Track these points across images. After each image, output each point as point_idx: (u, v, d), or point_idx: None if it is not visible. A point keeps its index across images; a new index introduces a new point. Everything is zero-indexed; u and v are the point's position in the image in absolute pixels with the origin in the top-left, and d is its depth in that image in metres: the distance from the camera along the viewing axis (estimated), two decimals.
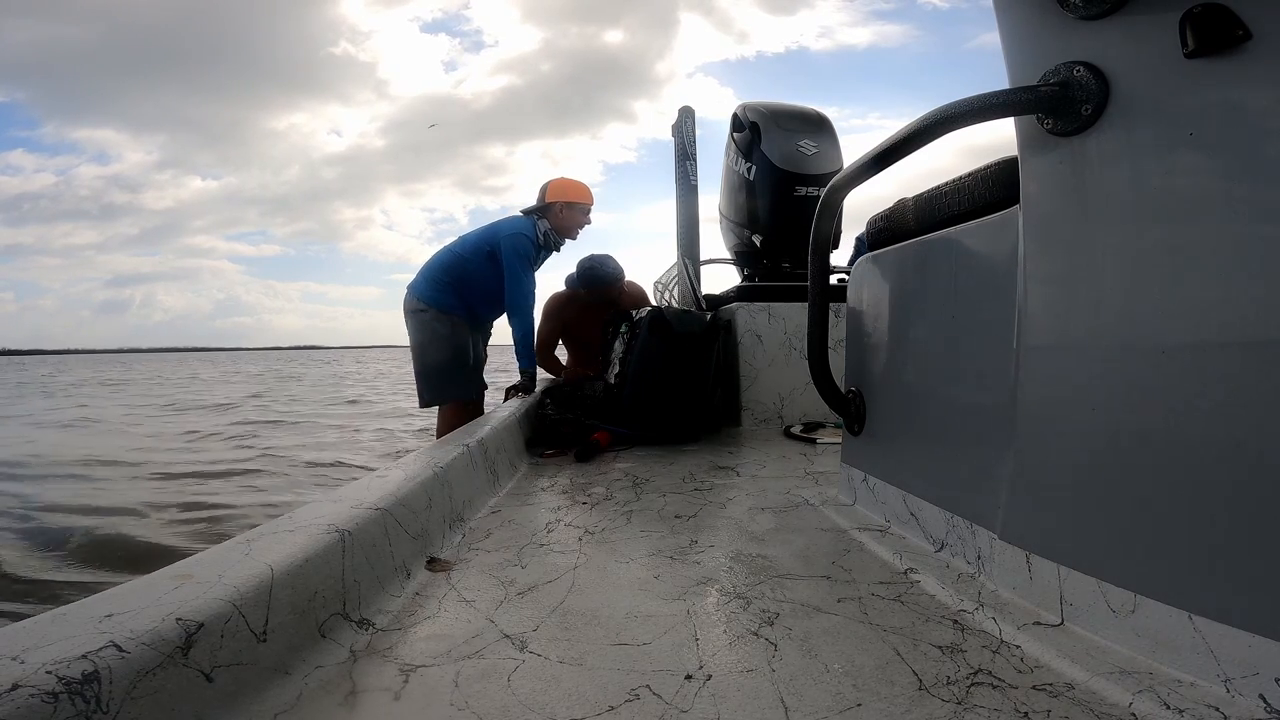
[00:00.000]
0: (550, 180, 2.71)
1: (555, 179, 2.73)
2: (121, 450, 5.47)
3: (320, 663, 0.65)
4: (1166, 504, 0.60)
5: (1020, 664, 0.63)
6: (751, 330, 2.47)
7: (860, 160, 0.95)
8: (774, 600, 0.81)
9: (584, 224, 2.75)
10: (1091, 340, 0.68)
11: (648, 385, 2.13)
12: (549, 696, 0.59)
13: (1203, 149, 0.57)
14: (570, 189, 2.70)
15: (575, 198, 2.68)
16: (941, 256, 0.97)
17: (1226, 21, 0.53)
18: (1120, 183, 0.65)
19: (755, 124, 2.62)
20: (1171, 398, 0.60)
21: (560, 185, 2.70)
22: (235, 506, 3.58)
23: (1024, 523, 0.76)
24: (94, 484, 4.17)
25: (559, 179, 2.74)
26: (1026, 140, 0.75)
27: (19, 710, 0.41)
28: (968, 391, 0.90)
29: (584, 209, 2.71)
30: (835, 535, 1.08)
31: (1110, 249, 0.66)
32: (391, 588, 0.83)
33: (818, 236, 1.10)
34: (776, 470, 1.65)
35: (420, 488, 1.04)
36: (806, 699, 0.58)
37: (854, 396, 1.20)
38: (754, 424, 2.40)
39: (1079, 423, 0.69)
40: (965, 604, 0.76)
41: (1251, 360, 0.54)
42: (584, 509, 1.29)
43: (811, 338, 1.15)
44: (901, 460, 1.08)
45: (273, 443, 6.06)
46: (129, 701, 0.47)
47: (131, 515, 3.34)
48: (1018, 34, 0.75)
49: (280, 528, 0.78)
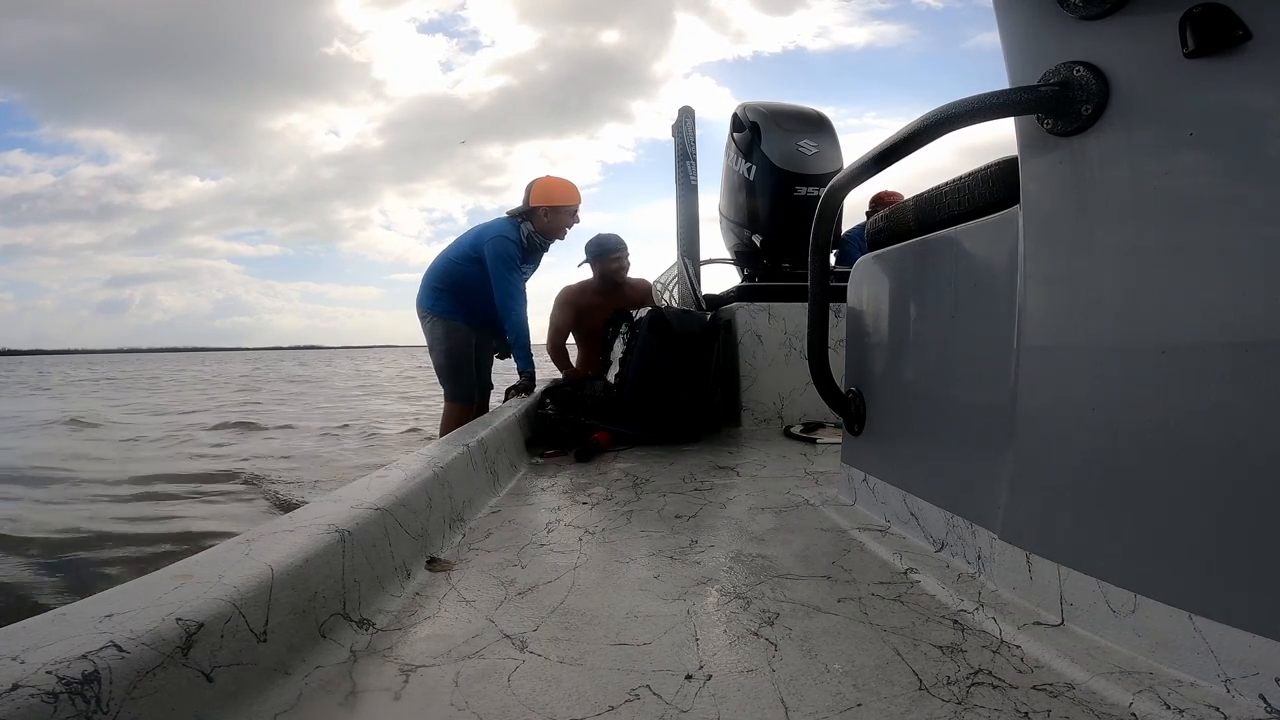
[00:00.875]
0: (535, 180, 2.67)
1: (540, 179, 2.67)
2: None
3: (320, 663, 0.65)
4: (1166, 504, 0.60)
5: (1020, 664, 0.63)
6: (751, 330, 2.47)
7: (860, 160, 0.95)
8: (774, 600, 0.81)
9: (570, 225, 2.71)
10: (1091, 340, 0.68)
11: (648, 385, 2.13)
12: (549, 696, 0.59)
13: (1203, 149, 0.57)
14: (554, 192, 2.65)
15: (559, 200, 2.64)
16: (941, 256, 0.97)
17: (1226, 21, 0.53)
18: (1120, 183, 0.65)
19: (755, 124, 2.62)
20: (1171, 398, 0.60)
21: (544, 188, 2.65)
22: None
23: (1024, 523, 0.76)
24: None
25: (543, 180, 2.67)
26: (1026, 140, 0.75)
27: (19, 710, 0.41)
28: (968, 391, 0.90)
29: (569, 211, 2.66)
30: (835, 535, 1.08)
31: (1110, 249, 0.66)
32: (391, 588, 0.83)
33: (818, 236, 1.10)
34: (776, 470, 1.65)
35: (420, 488, 1.04)
36: (807, 699, 0.58)
37: (854, 396, 1.20)
38: (754, 424, 2.40)
39: (1079, 423, 0.69)
40: (965, 604, 0.76)
41: (1251, 360, 0.54)
42: (584, 509, 1.29)
43: (811, 338, 1.15)
44: (901, 460, 1.08)
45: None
46: (129, 702, 0.47)
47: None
48: (1018, 34, 0.75)
49: (280, 527, 0.78)
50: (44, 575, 2.42)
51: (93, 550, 2.71)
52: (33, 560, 2.58)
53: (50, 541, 2.80)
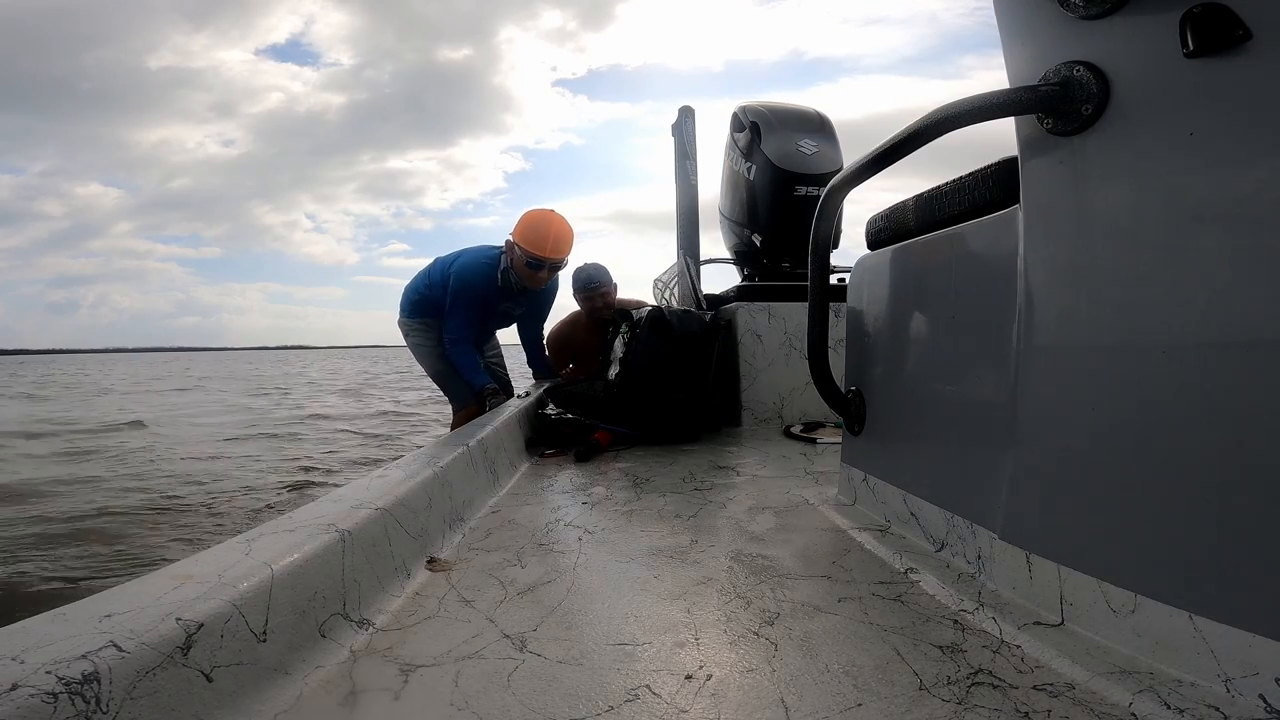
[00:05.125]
0: (528, 210, 2.49)
1: (531, 211, 2.46)
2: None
3: (320, 663, 0.65)
4: (1167, 504, 0.60)
5: (1020, 664, 0.63)
6: (752, 330, 2.47)
7: (860, 160, 0.95)
8: (774, 600, 0.81)
9: (532, 276, 2.41)
10: (1091, 340, 0.68)
11: (648, 385, 2.13)
12: (549, 696, 0.59)
13: (1203, 149, 0.57)
14: (524, 228, 2.39)
15: (522, 239, 2.37)
16: (942, 256, 0.97)
17: (1226, 21, 0.53)
18: (1120, 182, 0.65)
19: (755, 124, 2.62)
20: (1172, 397, 0.60)
21: (525, 222, 2.43)
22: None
23: (1024, 522, 0.76)
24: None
25: (531, 213, 2.44)
26: (1026, 140, 0.75)
27: (19, 710, 0.41)
28: (968, 391, 0.90)
29: (533, 259, 2.35)
30: (835, 535, 1.08)
31: (1110, 249, 0.66)
32: (391, 587, 0.83)
33: (818, 236, 1.10)
34: (776, 470, 1.65)
35: (420, 487, 1.04)
36: (807, 699, 0.58)
37: (854, 396, 1.20)
38: (754, 424, 2.40)
39: (1079, 422, 0.69)
40: (965, 604, 0.76)
41: (1251, 360, 0.54)
42: (584, 509, 1.29)
43: (811, 337, 1.15)
44: (902, 460, 1.08)
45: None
46: (129, 701, 0.47)
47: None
48: (1018, 34, 0.75)
49: (280, 527, 0.78)
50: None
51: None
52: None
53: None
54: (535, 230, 2.41)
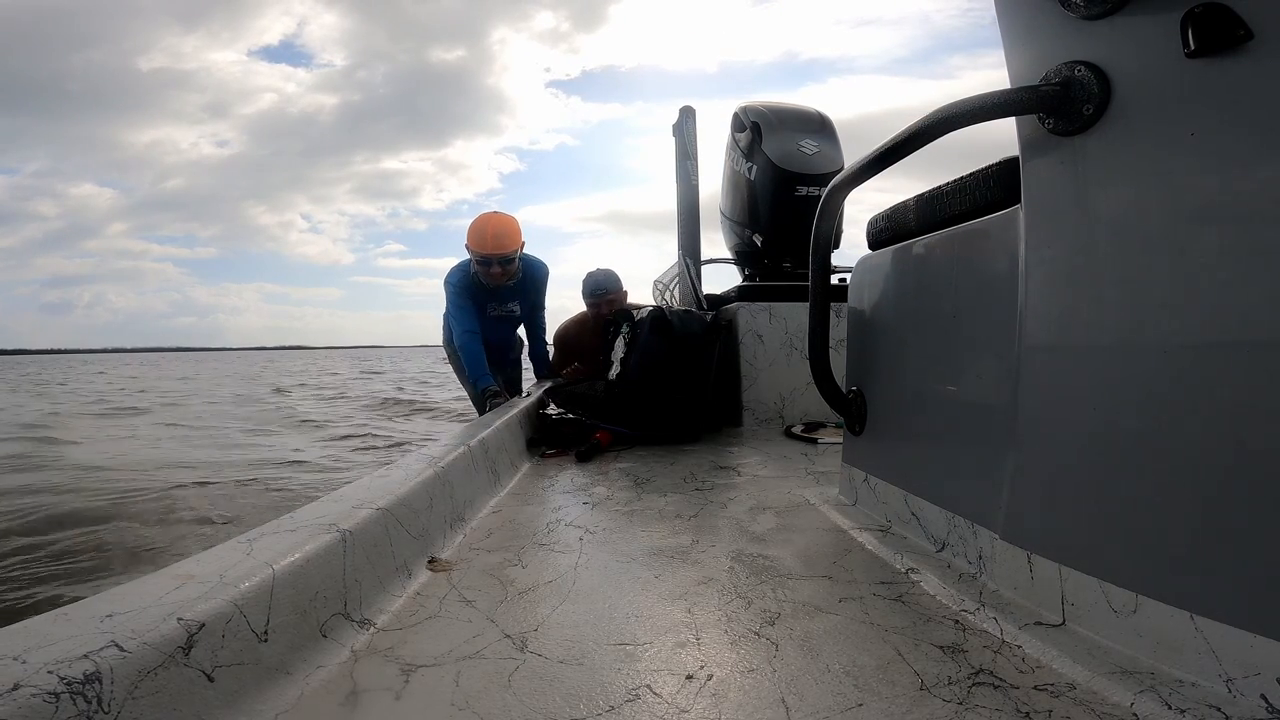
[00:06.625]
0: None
1: (479, 216, 2.61)
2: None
3: (321, 662, 0.65)
4: (1168, 504, 0.60)
5: (1021, 664, 0.63)
6: (752, 330, 2.47)
7: (861, 160, 0.95)
8: (775, 600, 0.81)
9: (492, 273, 2.55)
10: (1092, 340, 0.68)
11: (649, 385, 2.13)
12: (550, 696, 0.59)
13: (1204, 149, 0.57)
14: (470, 234, 2.56)
15: (470, 244, 2.55)
16: (942, 256, 0.97)
17: (1227, 21, 0.53)
18: (1121, 183, 0.65)
19: (756, 124, 2.62)
20: (1172, 398, 0.60)
21: (469, 228, 2.57)
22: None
23: (1025, 522, 0.76)
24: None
25: (477, 219, 2.58)
26: (1027, 140, 0.75)
27: (20, 710, 0.41)
28: (969, 391, 0.90)
29: (480, 257, 2.52)
30: (836, 535, 1.07)
31: (1111, 249, 0.66)
32: (392, 587, 0.83)
33: (818, 236, 1.10)
34: (777, 470, 1.65)
35: (421, 487, 1.04)
36: (807, 699, 0.58)
37: (855, 396, 1.20)
38: (755, 424, 2.40)
39: (1080, 422, 0.69)
40: (966, 604, 0.76)
41: (1252, 360, 0.53)
42: (585, 509, 1.29)
43: (812, 337, 1.15)
44: (902, 460, 1.08)
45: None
46: (130, 701, 0.47)
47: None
48: (1019, 34, 0.75)
49: (281, 527, 0.78)
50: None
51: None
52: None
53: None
54: (476, 232, 2.58)
